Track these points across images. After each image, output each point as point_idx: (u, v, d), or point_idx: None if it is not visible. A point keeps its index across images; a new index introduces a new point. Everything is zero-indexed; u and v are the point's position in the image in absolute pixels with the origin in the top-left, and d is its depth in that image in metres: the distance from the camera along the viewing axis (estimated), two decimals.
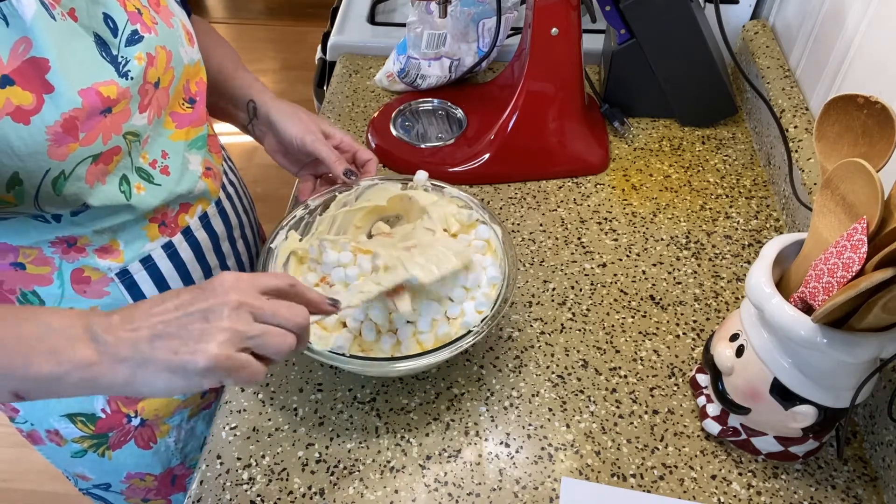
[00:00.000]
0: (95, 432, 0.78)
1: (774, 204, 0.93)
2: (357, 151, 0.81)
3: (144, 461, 0.83)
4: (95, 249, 0.67)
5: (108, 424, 0.78)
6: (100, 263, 0.67)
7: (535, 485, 0.65)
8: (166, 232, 0.71)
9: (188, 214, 0.73)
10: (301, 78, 2.91)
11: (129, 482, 0.85)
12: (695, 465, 0.67)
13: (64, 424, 0.76)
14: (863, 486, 0.65)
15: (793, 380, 0.59)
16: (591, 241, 0.89)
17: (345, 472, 0.66)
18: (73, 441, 0.78)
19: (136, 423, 0.79)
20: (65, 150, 0.56)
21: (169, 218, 0.71)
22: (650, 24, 0.97)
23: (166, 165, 0.68)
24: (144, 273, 0.71)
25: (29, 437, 0.81)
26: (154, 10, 0.65)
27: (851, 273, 0.50)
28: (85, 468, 0.83)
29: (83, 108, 0.56)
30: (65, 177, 0.58)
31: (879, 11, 0.77)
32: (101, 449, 0.80)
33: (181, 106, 0.70)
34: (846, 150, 0.56)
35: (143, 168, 0.66)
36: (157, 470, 0.85)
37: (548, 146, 0.97)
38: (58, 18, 0.55)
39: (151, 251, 0.70)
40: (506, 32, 1.10)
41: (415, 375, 0.74)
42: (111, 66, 0.59)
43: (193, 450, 0.87)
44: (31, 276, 0.66)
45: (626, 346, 0.77)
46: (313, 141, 0.78)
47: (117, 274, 0.69)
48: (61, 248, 0.65)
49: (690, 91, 1.03)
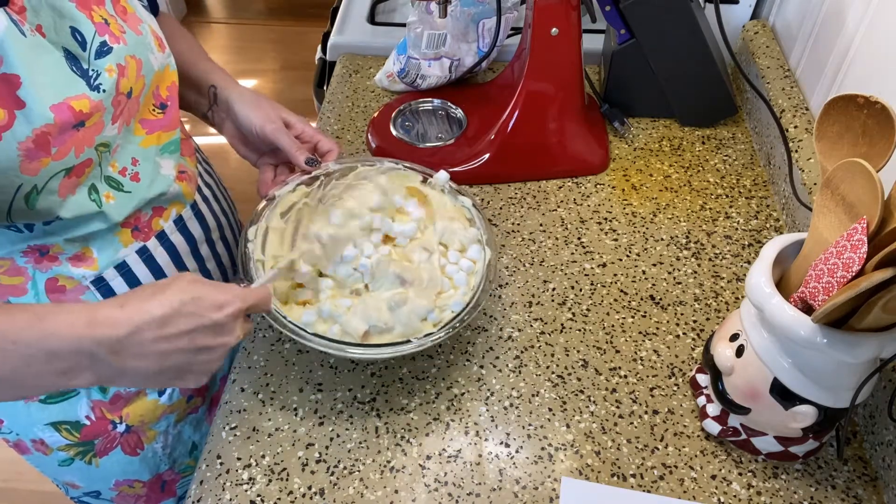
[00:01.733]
0: (81, 440, 0.77)
1: (774, 204, 0.93)
2: (319, 141, 0.80)
3: (132, 468, 0.82)
4: (68, 258, 0.66)
5: (93, 431, 0.77)
6: (73, 272, 0.67)
7: (535, 485, 0.65)
8: (140, 237, 0.71)
9: (162, 218, 0.73)
10: (301, 78, 2.91)
11: (119, 489, 0.84)
12: (695, 465, 0.67)
13: (49, 433, 0.76)
14: (863, 486, 0.65)
15: (793, 380, 0.59)
16: (591, 241, 0.89)
17: (345, 472, 0.66)
18: (58, 449, 0.78)
19: (121, 429, 0.78)
20: (37, 164, 0.56)
21: (142, 223, 0.71)
22: (650, 24, 0.97)
23: (136, 172, 0.68)
24: (120, 279, 0.70)
25: (16, 447, 0.80)
26: (122, 19, 0.64)
27: (851, 273, 0.50)
28: (73, 476, 0.82)
29: (55, 124, 0.56)
30: (37, 191, 0.58)
31: (879, 11, 0.77)
32: (87, 456, 0.79)
33: (151, 112, 0.70)
34: (846, 150, 0.56)
35: (111, 177, 0.66)
36: (145, 476, 0.84)
37: (548, 146, 0.97)
38: (27, 34, 0.54)
39: (126, 257, 0.70)
40: (506, 32, 1.10)
41: (415, 375, 0.74)
42: (82, 79, 0.58)
43: (182, 455, 0.87)
44: (4, 286, 0.66)
45: (626, 346, 0.77)
46: (273, 130, 0.76)
47: (92, 282, 0.68)
48: (34, 257, 0.65)
49: (690, 91, 1.03)
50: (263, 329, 0.78)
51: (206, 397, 0.87)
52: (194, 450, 0.88)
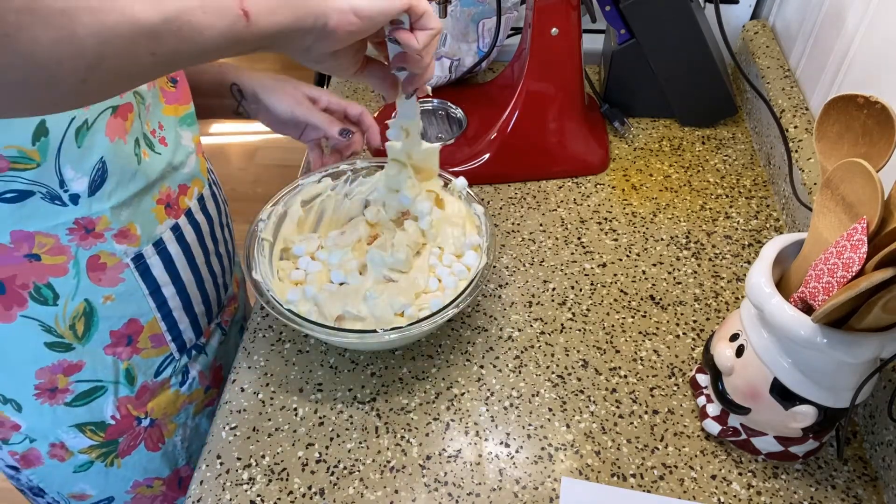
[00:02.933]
0: (105, 439, 0.77)
1: (774, 204, 0.93)
2: (347, 108, 0.85)
3: (153, 465, 0.82)
4: (114, 234, 0.67)
5: (119, 430, 0.77)
6: (116, 248, 0.68)
7: (535, 485, 0.65)
8: (171, 214, 0.72)
9: (187, 197, 0.74)
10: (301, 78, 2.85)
11: (136, 491, 0.83)
12: (695, 465, 0.67)
13: (72, 435, 0.75)
14: (863, 486, 0.65)
15: (793, 380, 0.59)
16: (591, 241, 0.89)
17: (345, 472, 0.66)
18: (79, 452, 0.77)
19: (145, 424, 0.79)
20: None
21: (172, 199, 0.72)
22: (650, 24, 0.97)
23: (163, 137, 0.70)
24: (156, 257, 0.71)
25: (23, 460, 0.77)
26: None
27: (851, 273, 0.50)
28: (87, 483, 0.80)
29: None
30: (87, 126, 0.60)
31: (879, 11, 0.77)
32: (109, 458, 0.78)
33: (166, 84, 0.72)
34: (846, 150, 0.56)
35: (146, 135, 0.68)
36: (164, 472, 0.84)
37: (548, 146, 0.97)
38: None
39: (162, 234, 0.71)
40: (506, 32, 1.10)
41: (415, 375, 0.74)
42: None
43: (198, 449, 0.87)
44: (46, 266, 0.66)
45: (626, 346, 0.77)
46: (303, 111, 0.81)
47: (132, 259, 0.69)
48: (79, 234, 0.65)
49: (690, 91, 1.03)
50: (263, 329, 0.78)
51: (221, 388, 0.87)
52: None
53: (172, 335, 0.77)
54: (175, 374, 0.79)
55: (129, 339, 0.73)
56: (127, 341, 0.73)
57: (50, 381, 0.70)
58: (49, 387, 0.71)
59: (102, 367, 0.73)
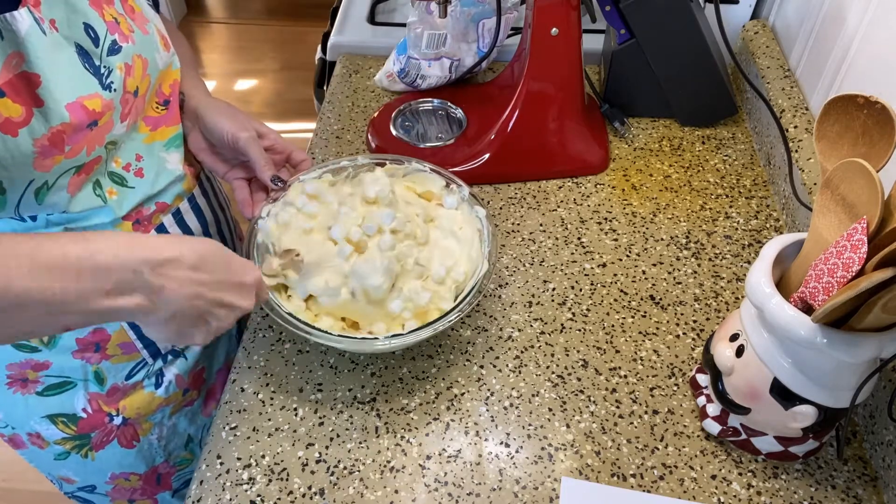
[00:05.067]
0: (77, 433, 0.77)
1: (774, 204, 0.93)
2: (291, 153, 0.79)
3: (128, 460, 0.82)
4: None
5: (90, 424, 0.77)
6: None
7: (535, 485, 0.65)
8: (140, 230, 0.71)
9: (163, 213, 0.73)
10: (301, 78, 2.91)
11: (115, 482, 0.84)
12: (695, 465, 0.67)
13: (45, 426, 0.76)
14: (863, 486, 0.65)
15: (793, 380, 0.59)
16: (591, 241, 0.89)
17: (345, 472, 0.66)
18: (55, 443, 0.78)
19: (118, 421, 0.79)
20: (50, 161, 0.57)
21: (143, 216, 0.71)
22: (650, 24, 0.97)
23: (140, 168, 0.69)
24: None
25: (10, 442, 0.80)
26: (130, 18, 0.65)
27: (851, 273, 0.50)
28: (69, 470, 0.82)
29: (70, 123, 0.57)
30: (48, 187, 0.60)
31: (879, 11, 0.77)
32: (83, 450, 0.79)
33: (155, 109, 0.71)
34: (846, 150, 0.56)
35: (115, 172, 0.67)
36: (141, 469, 0.84)
37: (548, 146, 0.97)
38: (47, 32, 0.55)
39: None
40: (506, 32, 1.10)
41: (415, 375, 0.74)
42: (95, 77, 0.59)
43: (177, 447, 0.87)
44: None
45: (626, 346, 0.77)
46: (247, 139, 0.73)
47: None
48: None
49: (690, 91, 1.03)
50: (263, 329, 0.78)
51: (201, 390, 0.87)
52: (190, 443, 0.89)
53: (144, 343, 0.77)
54: (148, 377, 0.79)
55: (97, 346, 0.73)
56: (95, 348, 0.73)
57: (20, 374, 0.72)
58: (20, 378, 0.72)
59: (70, 369, 0.74)
